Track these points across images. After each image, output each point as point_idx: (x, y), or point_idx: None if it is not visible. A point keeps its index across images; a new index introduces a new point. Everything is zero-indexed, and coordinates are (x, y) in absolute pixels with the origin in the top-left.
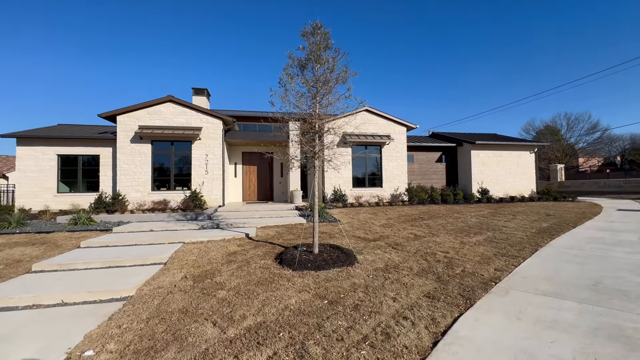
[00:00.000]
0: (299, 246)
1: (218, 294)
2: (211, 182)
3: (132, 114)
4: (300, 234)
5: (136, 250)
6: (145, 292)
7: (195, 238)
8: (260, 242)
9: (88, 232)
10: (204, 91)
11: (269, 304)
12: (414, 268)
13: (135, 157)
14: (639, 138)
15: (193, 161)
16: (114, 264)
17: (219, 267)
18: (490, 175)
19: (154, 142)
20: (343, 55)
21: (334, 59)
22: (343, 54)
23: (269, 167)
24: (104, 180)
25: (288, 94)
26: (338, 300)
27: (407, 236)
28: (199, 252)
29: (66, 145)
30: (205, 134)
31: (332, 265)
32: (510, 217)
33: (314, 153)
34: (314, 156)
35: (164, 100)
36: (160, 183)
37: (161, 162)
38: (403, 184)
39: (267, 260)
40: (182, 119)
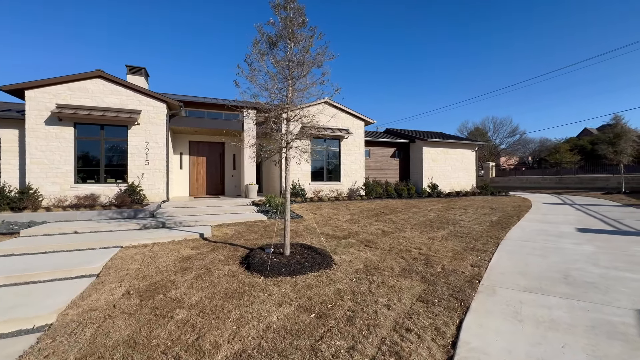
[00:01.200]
0: (266, 247)
1: (176, 314)
2: (153, 174)
3: (48, 89)
4: (263, 232)
5: (56, 259)
6: (71, 319)
7: (136, 240)
8: (218, 243)
9: None
10: (141, 70)
11: (245, 323)
12: (395, 268)
13: (51, 143)
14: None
15: (130, 149)
16: (24, 279)
17: (172, 277)
18: (439, 171)
19: (77, 125)
20: (319, 35)
21: (311, 38)
22: (319, 34)
23: (220, 158)
24: (7, 169)
25: (256, 74)
26: (327, 312)
27: (375, 232)
28: (143, 258)
29: None
30: (146, 118)
31: (308, 268)
32: (462, 210)
33: (285, 143)
34: (285, 147)
35: (91, 75)
36: (86, 174)
37: (88, 150)
38: (361, 178)
39: (232, 265)
40: (116, 99)
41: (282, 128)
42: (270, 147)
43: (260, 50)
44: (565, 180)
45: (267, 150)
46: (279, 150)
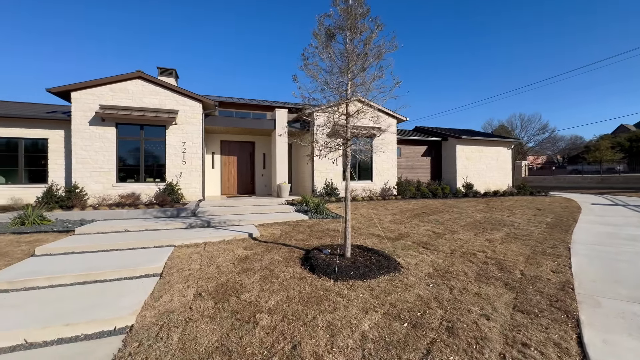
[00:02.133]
0: (322, 248)
1: (259, 320)
2: (189, 174)
3: (91, 91)
4: (310, 232)
5: (116, 258)
6: (151, 320)
7: (187, 240)
8: (269, 243)
9: (42, 235)
10: (171, 72)
11: (338, 332)
12: (468, 273)
13: (95, 143)
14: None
15: (168, 149)
16: (91, 277)
17: (237, 278)
18: (474, 170)
19: (119, 125)
20: (379, 26)
21: (378, 27)
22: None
23: (250, 157)
24: (55, 169)
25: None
26: (420, 321)
27: (426, 234)
28: (200, 258)
29: (2, 126)
30: (183, 118)
31: (376, 272)
32: (508, 211)
33: (345, 140)
34: (345, 143)
35: (132, 76)
36: (126, 174)
37: (128, 150)
38: (393, 177)
39: (294, 267)
40: (155, 99)
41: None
42: (335, 142)
43: (322, 42)
44: (609, 180)
45: (327, 147)
46: (340, 146)
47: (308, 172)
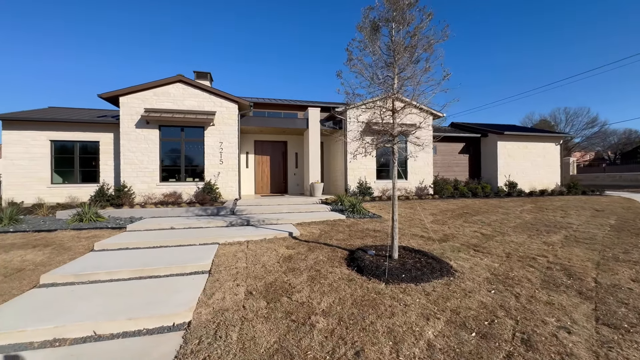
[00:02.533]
0: (366, 249)
1: (315, 322)
2: (226, 173)
3: (137, 95)
4: (350, 232)
5: (166, 255)
6: (207, 317)
7: (230, 238)
8: (310, 242)
9: (98, 231)
10: (207, 75)
11: (401, 340)
12: (532, 279)
13: (141, 144)
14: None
15: (206, 149)
16: (146, 273)
17: (284, 277)
18: (517, 168)
19: (162, 127)
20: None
21: (428, 17)
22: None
23: (282, 157)
24: (105, 169)
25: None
26: (489, 331)
27: (474, 235)
28: (245, 256)
29: (61, 130)
30: (220, 119)
31: (429, 275)
32: (561, 212)
33: (392, 137)
34: (392, 140)
35: (173, 80)
36: (168, 173)
37: (170, 150)
38: (429, 176)
39: (340, 268)
40: (194, 101)
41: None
42: (382, 139)
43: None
44: None
45: (374, 144)
46: (387, 143)
47: (341, 170)
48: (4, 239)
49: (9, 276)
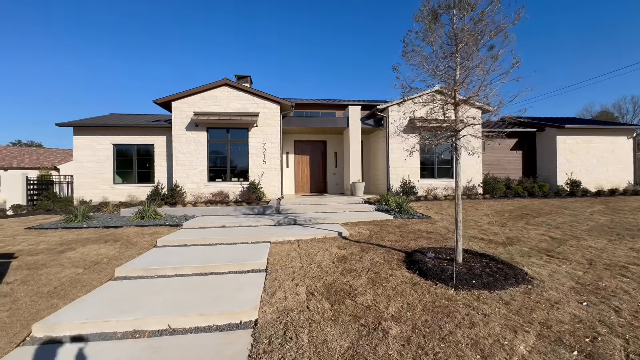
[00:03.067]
0: (424, 251)
1: (387, 328)
2: (269, 173)
3: (186, 100)
4: (401, 233)
5: (222, 252)
6: (272, 317)
7: (280, 236)
8: (362, 243)
9: (158, 228)
10: (247, 78)
11: (490, 354)
12: (630, 291)
13: (190, 146)
14: None
15: (250, 150)
16: (206, 269)
17: (343, 278)
18: (579, 165)
19: (209, 129)
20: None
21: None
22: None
23: (321, 156)
24: (159, 170)
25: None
26: (594, 350)
27: (542, 239)
28: (299, 256)
29: (121, 135)
30: (263, 120)
31: (502, 281)
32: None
33: (455, 131)
34: (455, 136)
35: (219, 84)
36: (214, 174)
37: (216, 151)
38: (477, 174)
39: (400, 270)
40: (238, 104)
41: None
42: (443, 136)
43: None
44: None
45: (433, 140)
46: (449, 139)
47: (382, 169)
48: (80, 234)
49: (88, 268)
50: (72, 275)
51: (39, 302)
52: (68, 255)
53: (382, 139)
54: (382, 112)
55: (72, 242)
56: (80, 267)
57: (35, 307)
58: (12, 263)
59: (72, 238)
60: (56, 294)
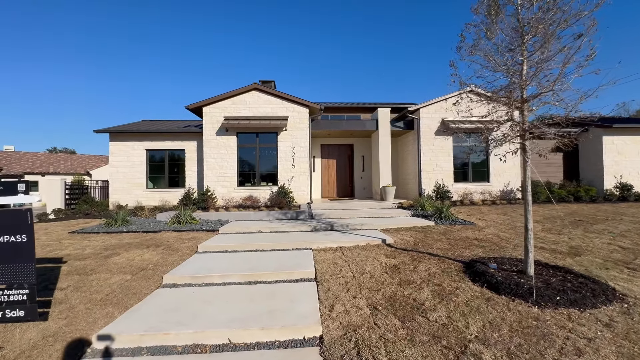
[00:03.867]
0: (485, 261)
1: (478, 353)
2: (299, 177)
3: (217, 105)
4: (448, 241)
5: (266, 259)
6: (338, 334)
7: (321, 243)
8: (410, 251)
9: (196, 233)
10: (271, 83)
11: None
12: None
13: (221, 151)
14: None
15: (279, 154)
16: (254, 277)
17: (403, 290)
18: (629, 167)
19: (239, 134)
20: None
21: None
22: None
23: (348, 160)
24: (190, 175)
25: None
26: None
27: (612, 249)
28: (346, 264)
29: (153, 140)
30: (292, 123)
31: (591, 299)
32: None
33: (523, 131)
34: (522, 135)
35: (249, 88)
36: (244, 178)
37: (246, 156)
38: (516, 177)
39: (465, 282)
40: (268, 108)
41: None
42: (513, 132)
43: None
44: None
45: (495, 140)
46: (516, 137)
47: (413, 173)
48: (122, 239)
49: (136, 274)
50: (121, 281)
51: (94, 310)
52: (114, 261)
53: (412, 141)
54: (413, 113)
55: (115, 247)
56: (127, 273)
57: (92, 316)
58: (62, 268)
59: (115, 243)
60: (109, 302)
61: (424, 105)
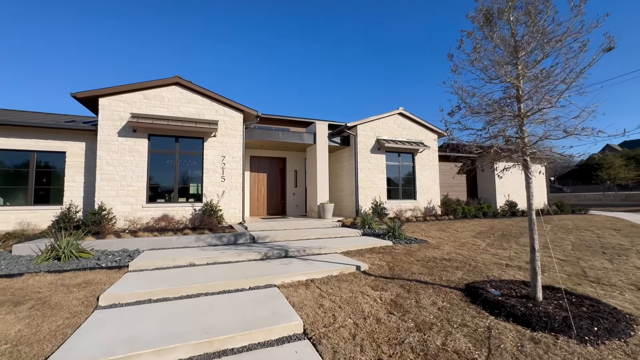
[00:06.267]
0: (480, 286)
1: None
2: (229, 192)
3: (123, 97)
4: (423, 264)
5: (220, 310)
6: None
7: (285, 276)
8: (395, 279)
9: (90, 273)
10: None
11: None
12: None
13: (124, 156)
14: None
15: (205, 164)
16: (214, 346)
17: (429, 338)
18: (511, 188)
19: (152, 136)
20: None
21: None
22: None
23: (280, 174)
24: (72, 187)
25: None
26: None
27: (560, 262)
28: (335, 305)
29: (10, 137)
30: (222, 129)
31: (617, 325)
32: (590, 233)
33: (524, 145)
34: (522, 149)
35: (169, 82)
36: (156, 193)
37: (160, 164)
38: (436, 195)
39: (489, 318)
40: (192, 108)
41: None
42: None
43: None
44: (634, 197)
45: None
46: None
47: (349, 190)
48: None
49: None
50: None
51: None
52: None
53: (347, 157)
54: (351, 129)
55: None
56: None
57: None
58: None
59: None
60: None
61: (361, 123)
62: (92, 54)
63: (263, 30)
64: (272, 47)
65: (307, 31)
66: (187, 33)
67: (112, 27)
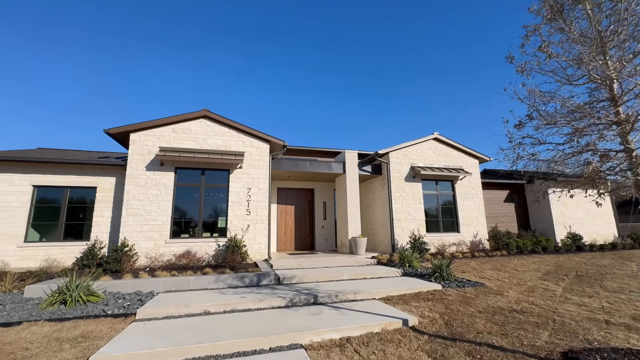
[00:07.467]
0: (583, 356)
1: None
2: (254, 226)
3: (152, 132)
4: (487, 317)
5: None
6: None
7: (314, 333)
8: (456, 341)
9: (92, 323)
10: None
11: None
12: None
13: (150, 190)
14: None
15: (231, 196)
16: None
17: None
18: (571, 218)
19: (178, 169)
20: None
21: None
22: None
23: (308, 206)
24: (100, 222)
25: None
26: None
27: None
28: None
29: (48, 173)
30: (249, 160)
31: None
32: None
33: (631, 159)
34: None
35: (197, 115)
36: (179, 227)
37: (185, 198)
38: (482, 227)
39: None
40: (219, 140)
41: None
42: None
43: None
44: None
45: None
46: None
47: (382, 222)
48: None
49: None
50: None
51: None
52: None
53: (379, 187)
54: (382, 157)
55: None
56: None
57: None
58: None
59: None
60: None
61: (393, 150)
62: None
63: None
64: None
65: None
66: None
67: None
